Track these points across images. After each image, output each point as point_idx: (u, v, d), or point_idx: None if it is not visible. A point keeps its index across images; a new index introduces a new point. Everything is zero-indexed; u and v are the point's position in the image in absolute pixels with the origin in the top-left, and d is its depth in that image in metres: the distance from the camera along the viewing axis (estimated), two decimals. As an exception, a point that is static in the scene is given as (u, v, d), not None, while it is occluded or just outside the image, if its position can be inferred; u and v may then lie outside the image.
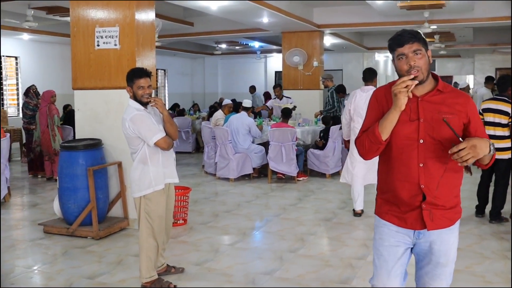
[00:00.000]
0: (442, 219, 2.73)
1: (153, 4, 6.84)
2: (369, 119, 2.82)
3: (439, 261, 2.80)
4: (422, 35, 2.66)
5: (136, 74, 4.42)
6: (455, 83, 22.26)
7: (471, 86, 22.17)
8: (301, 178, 9.61)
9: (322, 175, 9.91)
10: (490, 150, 2.53)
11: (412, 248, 2.85)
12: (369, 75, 7.12)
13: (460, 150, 2.44)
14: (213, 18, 12.05)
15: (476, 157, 2.47)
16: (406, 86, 2.55)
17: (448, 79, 24.69)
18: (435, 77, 2.76)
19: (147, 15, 6.66)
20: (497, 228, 6.42)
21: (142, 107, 4.41)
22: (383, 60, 23.68)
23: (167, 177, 4.56)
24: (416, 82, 2.57)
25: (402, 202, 2.74)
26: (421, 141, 2.66)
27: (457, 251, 5.40)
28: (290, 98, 12.27)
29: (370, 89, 6.86)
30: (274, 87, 12.73)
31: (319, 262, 5.28)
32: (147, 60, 6.61)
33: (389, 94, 2.68)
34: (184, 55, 20.20)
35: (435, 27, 12.42)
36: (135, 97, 4.43)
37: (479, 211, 6.94)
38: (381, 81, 22.53)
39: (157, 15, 10.40)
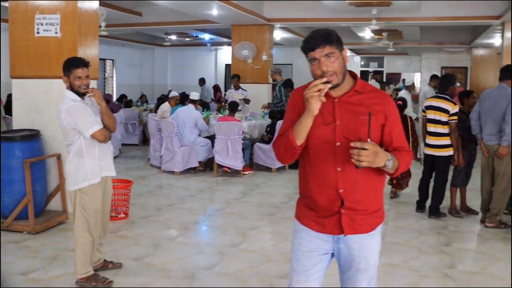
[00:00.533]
0: (362, 224, 2.62)
1: (97, -8, 6.66)
2: (286, 123, 2.69)
3: (359, 267, 2.69)
4: (335, 35, 2.49)
5: (73, 64, 4.29)
6: (403, 79, 22.74)
7: (418, 83, 22.69)
8: (246, 172, 9.60)
9: (268, 169, 9.92)
10: (385, 166, 2.44)
11: (333, 253, 2.75)
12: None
13: (362, 148, 2.35)
14: (162, 8, 11.87)
15: (371, 164, 2.38)
16: (319, 90, 2.39)
17: (396, 76, 25.16)
18: (354, 76, 2.64)
19: (90, 3, 6.48)
20: (436, 223, 6.57)
21: (78, 98, 4.29)
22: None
23: (104, 170, 4.45)
24: (329, 85, 2.42)
25: (321, 207, 2.62)
26: (338, 144, 2.53)
27: (395, 246, 5.58)
28: (245, 90, 12.21)
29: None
30: (232, 77, 12.62)
31: (260, 257, 5.27)
32: (90, 50, 6.44)
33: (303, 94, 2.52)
34: (133, 45, 19.86)
35: (383, 24, 12.60)
36: (72, 88, 4.30)
37: (420, 206, 7.08)
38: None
39: (104, 4, 10.18)
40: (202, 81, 18.07)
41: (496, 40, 15.40)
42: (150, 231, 6.10)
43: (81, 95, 4.29)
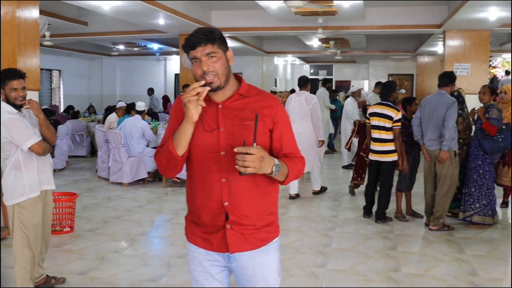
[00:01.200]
0: (251, 240, 2.41)
1: (37, 2, 6.52)
2: (168, 132, 2.47)
3: (256, 285, 2.48)
4: (219, 34, 2.32)
5: (8, 76, 4.17)
6: (353, 86, 23.14)
7: (366, 90, 23.11)
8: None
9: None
10: (272, 172, 2.27)
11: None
12: (303, 82, 8.45)
13: (248, 153, 2.16)
14: (108, 18, 11.72)
15: (257, 171, 2.19)
16: (197, 94, 2.21)
17: (345, 83, 25.55)
18: (239, 79, 2.46)
19: (30, 13, 6.34)
20: (382, 228, 6.68)
21: (15, 110, 4.17)
22: (282, 64, 24.13)
23: (43, 183, 4.34)
24: (208, 88, 2.24)
25: (206, 223, 2.41)
26: (222, 153, 2.33)
27: (342, 252, 5.64)
28: None
29: (302, 94, 8.28)
30: (183, 87, 12.47)
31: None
32: (30, 60, 6.29)
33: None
34: (80, 55, 19.51)
35: (329, 33, 12.78)
36: (7, 100, 4.18)
37: (366, 211, 7.19)
38: (280, 86, 22.96)
39: (47, 14, 9.95)
40: (151, 91, 17.91)
41: (439, 48, 15.85)
42: (96, 244, 5.98)
43: (18, 107, 4.18)
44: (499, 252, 5.79)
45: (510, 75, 18.94)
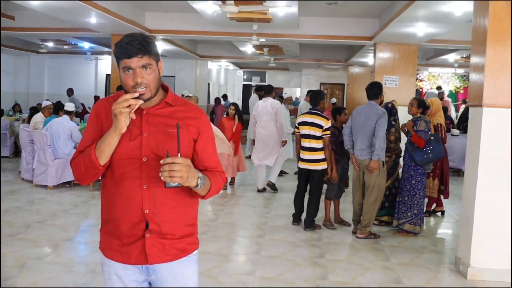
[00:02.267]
0: (171, 250, 2.35)
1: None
2: (87, 138, 2.37)
3: None
4: (153, 44, 2.28)
5: None
6: (285, 93, 23.36)
7: (299, 98, 23.42)
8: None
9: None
10: (197, 185, 2.22)
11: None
12: (268, 90, 9.79)
13: (174, 163, 2.11)
14: (37, 13, 11.28)
15: (184, 181, 2.13)
16: (129, 106, 2.15)
17: (278, 90, 25.80)
18: (165, 88, 2.44)
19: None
20: (311, 235, 6.74)
21: None
22: (216, 69, 24.09)
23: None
24: (141, 102, 2.19)
25: (124, 233, 2.32)
26: (145, 159, 2.28)
27: (271, 259, 5.65)
28: None
29: (268, 100, 9.58)
30: (117, 89, 12.16)
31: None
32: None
33: (111, 108, 2.21)
34: (6, 51, 18.72)
35: (263, 40, 12.86)
36: None
37: (295, 219, 7.24)
38: (213, 91, 22.91)
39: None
40: (70, 91, 17.29)
41: (369, 59, 16.27)
42: (16, 250, 5.71)
43: None
44: (423, 260, 5.96)
45: (444, 90, 19.67)
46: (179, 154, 2.16)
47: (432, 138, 6.65)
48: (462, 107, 18.96)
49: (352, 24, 12.13)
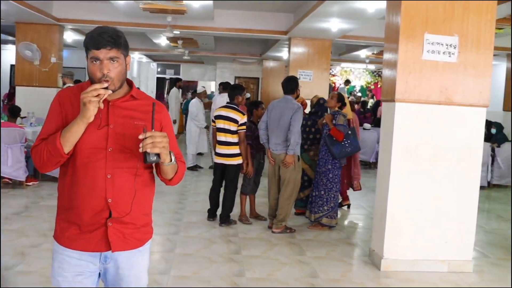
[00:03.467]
0: (131, 239, 2.46)
1: None
2: (49, 126, 2.41)
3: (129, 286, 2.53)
4: (124, 39, 2.36)
5: None
6: (202, 86, 23.17)
7: (214, 92, 23.29)
8: (30, 183, 8.84)
9: (55, 179, 9.25)
10: (171, 160, 2.35)
11: (99, 273, 2.51)
12: (226, 86, 10.20)
13: (154, 135, 2.21)
14: None
15: (164, 152, 2.26)
16: (98, 95, 2.22)
17: (193, 84, 25.55)
18: (129, 82, 2.53)
19: None
20: (226, 231, 6.65)
21: None
22: (136, 61, 23.48)
23: None
24: (110, 92, 2.26)
25: (86, 221, 2.37)
26: (110, 149, 2.36)
27: (186, 257, 5.51)
28: None
29: (225, 95, 9.30)
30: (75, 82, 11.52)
31: (41, 278, 4.78)
32: None
33: (76, 98, 2.33)
34: None
35: (178, 32, 12.62)
36: None
37: (211, 214, 7.13)
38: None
39: None
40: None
41: (284, 53, 16.41)
42: None
43: None
44: (338, 253, 6.03)
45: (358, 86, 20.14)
46: (152, 130, 2.26)
47: (349, 132, 6.74)
48: (371, 101, 19.58)
49: (267, 18, 12.14)
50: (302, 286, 4.94)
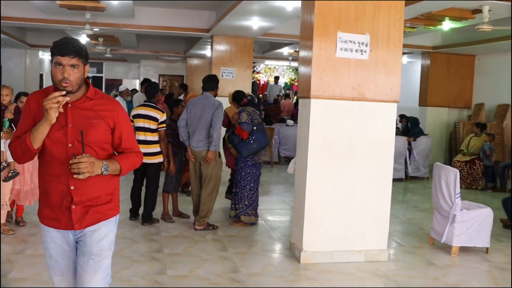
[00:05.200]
0: (94, 215, 2.91)
1: None
2: (22, 125, 2.88)
3: (92, 251, 2.93)
4: (85, 51, 2.80)
5: None
6: (123, 86, 22.80)
7: (138, 89, 22.95)
8: None
9: None
10: (102, 172, 2.81)
11: (77, 242, 2.99)
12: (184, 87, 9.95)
13: (80, 162, 2.70)
14: None
15: (91, 174, 2.75)
16: (57, 102, 2.66)
17: (117, 82, 25.05)
18: (87, 83, 2.93)
19: None
20: (149, 230, 6.62)
21: None
22: (48, 59, 22.72)
23: None
24: (68, 99, 2.70)
25: (54, 204, 2.87)
26: (70, 145, 2.81)
27: (175, 256, 5.44)
28: None
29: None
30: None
31: (38, 284, 4.68)
32: None
33: (42, 101, 2.72)
34: None
35: (97, 29, 12.37)
36: None
37: (133, 214, 7.06)
38: (47, 83, 21.60)
39: None
40: None
41: (207, 51, 16.41)
42: None
43: None
44: (259, 248, 6.14)
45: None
46: (83, 153, 2.75)
47: (255, 128, 6.83)
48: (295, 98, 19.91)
49: (190, 16, 12.13)
50: (224, 282, 5.00)
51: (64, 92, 2.68)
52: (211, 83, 6.80)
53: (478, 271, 5.73)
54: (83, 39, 15.58)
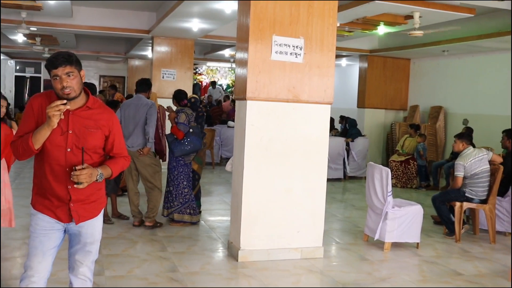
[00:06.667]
0: (88, 212, 3.25)
1: None
2: (24, 126, 3.14)
3: (86, 241, 3.32)
4: (75, 57, 3.05)
5: None
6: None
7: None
8: None
9: None
10: (97, 179, 3.12)
11: (65, 230, 3.31)
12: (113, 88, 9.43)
13: (81, 174, 3.00)
14: None
15: (89, 183, 3.07)
16: (59, 110, 2.91)
17: (85, 89, 24.46)
18: (87, 92, 3.22)
19: None
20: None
21: None
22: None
23: None
24: (68, 106, 2.97)
25: (54, 199, 3.17)
26: (69, 149, 3.11)
27: (113, 257, 5.47)
28: None
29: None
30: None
31: None
32: None
33: (45, 104, 3.04)
34: None
35: (34, 29, 12.12)
36: None
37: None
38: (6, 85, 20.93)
39: None
40: None
41: (149, 52, 16.32)
42: None
43: None
44: (198, 247, 6.21)
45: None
46: (83, 164, 3.04)
47: (191, 130, 6.94)
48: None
49: (130, 17, 12.05)
50: (162, 281, 5.05)
51: (65, 101, 2.93)
52: (143, 85, 7.02)
53: (408, 265, 6.00)
54: (20, 38, 15.22)
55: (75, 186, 3.04)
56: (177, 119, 6.88)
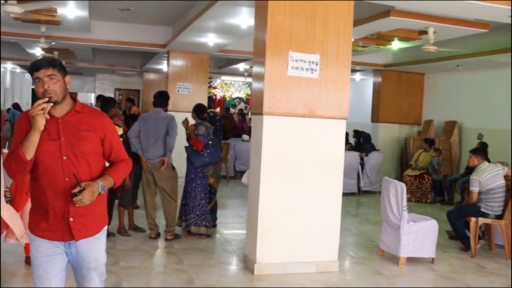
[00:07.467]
0: (90, 228, 3.03)
1: None
2: (15, 143, 2.96)
3: (90, 267, 3.08)
4: (59, 62, 2.95)
5: None
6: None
7: (93, 104, 22.75)
8: None
9: None
10: (100, 193, 2.94)
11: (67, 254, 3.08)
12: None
13: (83, 198, 2.83)
14: None
15: (93, 200, 2.88)
16: (42, 109, 2.79)
17: (70, 95, 24.74)
18: (74, 98, 3.06)
19: None
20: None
21: None
22: (9, 71, 22.38)
23: None
24: (51, 104, 2.83)
25: (52, 216, 2.95)
26: (64, 157, 2.92)
27: (130, 269, 5.61)
28: None
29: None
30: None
31: None
32: None
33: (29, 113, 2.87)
34: None
35: (53, 43, 12.32)
36: None
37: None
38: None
39: None
40: None
41: (164, 66, 16.48)
42: None
43: None
44: (214, 260, 6.26)
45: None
46: (79, 185, 2.84)
47: (210, 142, 7.02)
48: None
49: (146, 31, 12.21)
50: (178, 293, 5.11)
51: (47, 99, 2.80)
52: (161, 98, 7.10)
53: (423, 280, 6.00)
54: (38, 51, 15.46)
55: (77, 205, 2.85)
56: (196, 130, 6.97)
